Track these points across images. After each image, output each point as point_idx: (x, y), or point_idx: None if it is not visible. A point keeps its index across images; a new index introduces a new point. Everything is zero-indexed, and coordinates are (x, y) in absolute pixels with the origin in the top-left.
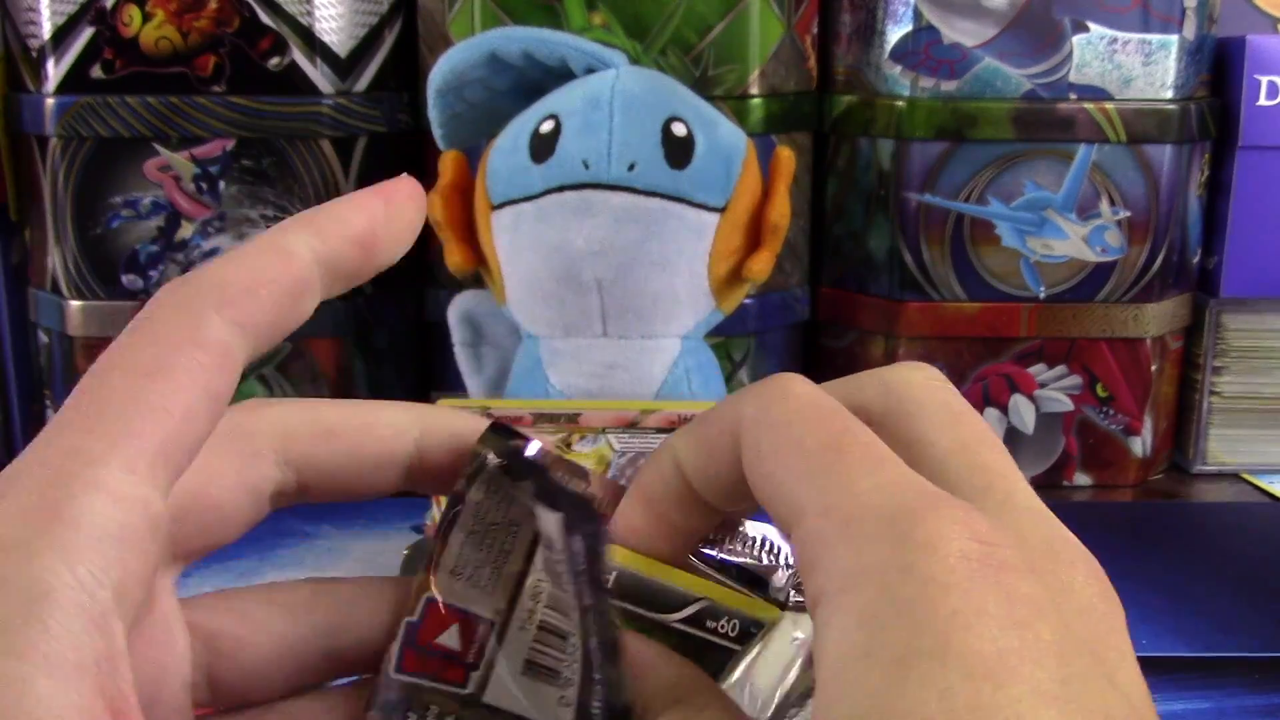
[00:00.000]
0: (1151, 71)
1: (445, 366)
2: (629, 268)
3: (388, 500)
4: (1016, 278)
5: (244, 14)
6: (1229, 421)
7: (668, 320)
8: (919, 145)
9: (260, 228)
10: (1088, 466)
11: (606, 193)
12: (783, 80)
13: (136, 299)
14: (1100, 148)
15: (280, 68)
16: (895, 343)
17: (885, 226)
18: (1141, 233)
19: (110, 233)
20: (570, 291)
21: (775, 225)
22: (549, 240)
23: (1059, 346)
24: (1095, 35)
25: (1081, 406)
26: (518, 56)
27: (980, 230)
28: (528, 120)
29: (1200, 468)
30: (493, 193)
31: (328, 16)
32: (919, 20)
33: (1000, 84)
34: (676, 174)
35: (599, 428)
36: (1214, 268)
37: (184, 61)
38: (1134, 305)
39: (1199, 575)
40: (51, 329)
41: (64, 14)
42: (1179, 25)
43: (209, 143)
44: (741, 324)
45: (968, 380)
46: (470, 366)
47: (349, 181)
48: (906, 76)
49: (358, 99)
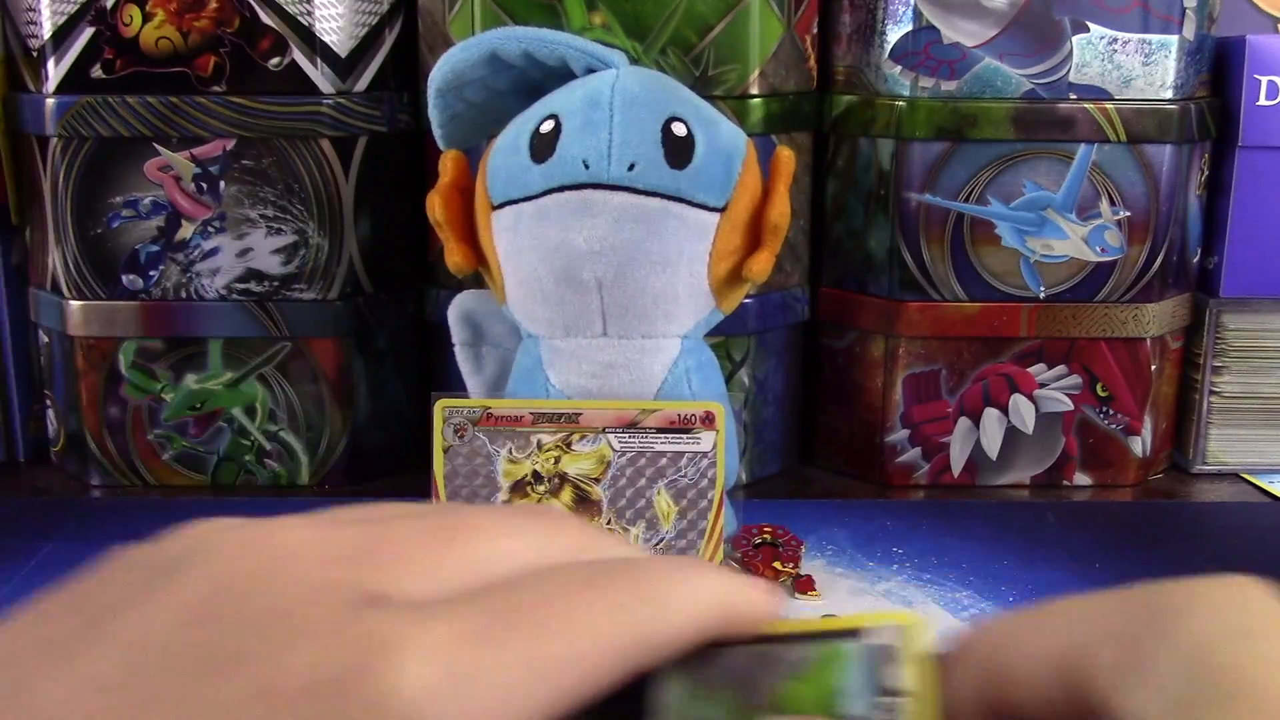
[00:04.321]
0: (1151, 71)
1: (445, 366)
2: (629, 268)
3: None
4: (1016, 278)
5: (244, 14)
6: (1229, 421)
7: (668, 320)
8: (919, 145)
9: (260, 227)
10: (1088, 466)
11: (606, 192)
12: (783, 80)
13: (136, 299)
14: (1100, 148)
15: (280, 68)
16: (895, 343)
17: (885, 226)
18: (1141, 233)
19: (110, 233)
20: (570, 291)
21: (775, 225)
22: (549, 240)
23: (1059, 346)
24: (1095, 35)
25: (1081, 406)
26: (518, 56)
27: (980, 230)
28: (528, 120)
29: (1200, 468)
30: (493, 193)
31: (328, 16)
32: (919, 20)
33: (1000, 84)
34: (676, 174)
35: (599, 428)
36: (1214, 268)
37: (184, 61)
38: (1134, 305)
39: (1199, 575)
40: (51, 329)
41: (64, 14)
42: (1179, 25)
43: (209, 143)
44: (741, 324)
45: (968, 380)
46: (470, 366)
47: (349, 182)
48: (906, 76)
49: (358, 99)
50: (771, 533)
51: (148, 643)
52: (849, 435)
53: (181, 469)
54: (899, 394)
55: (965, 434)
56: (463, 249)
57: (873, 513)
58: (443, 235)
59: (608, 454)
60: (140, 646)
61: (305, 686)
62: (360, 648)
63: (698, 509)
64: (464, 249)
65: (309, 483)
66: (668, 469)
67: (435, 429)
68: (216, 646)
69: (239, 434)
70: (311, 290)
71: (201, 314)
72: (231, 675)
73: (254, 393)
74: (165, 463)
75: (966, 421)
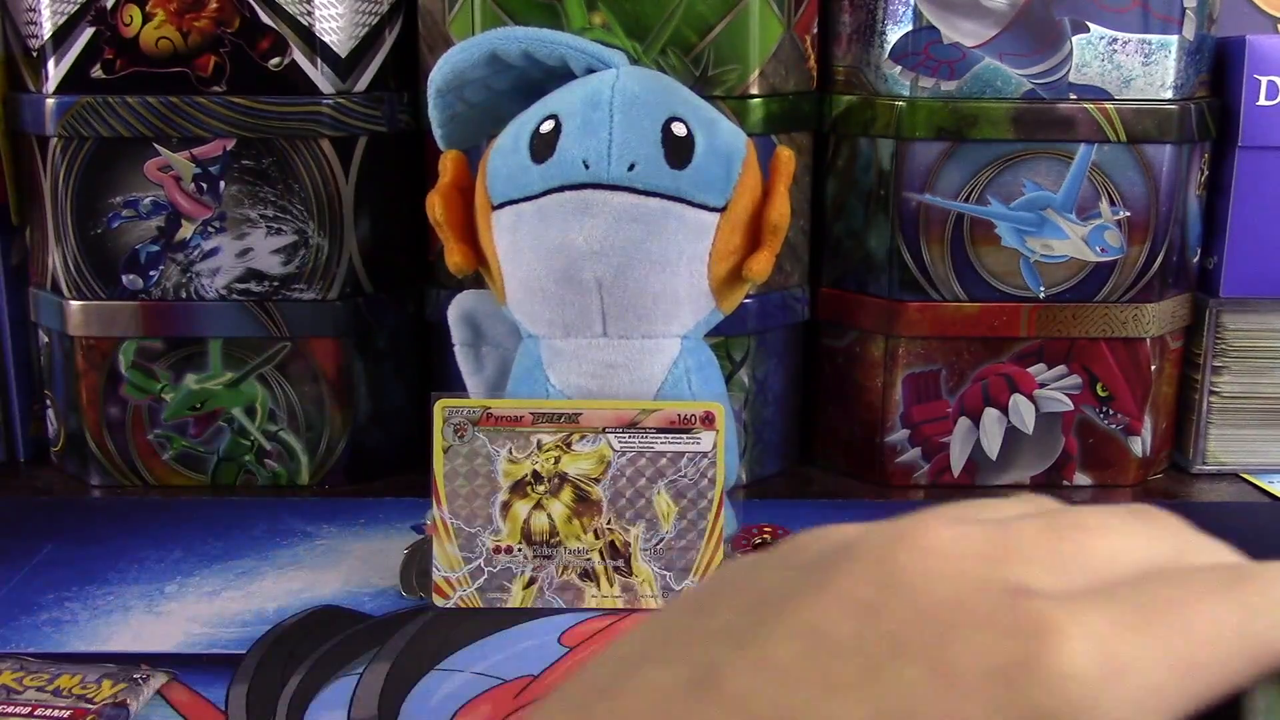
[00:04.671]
0: (1151, 71)
1: (445, 366)
2: (629, 268)
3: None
4: (1016, 278)
5: (244, 14)
6: (1229, 421)
7: (668, 320)
8: (919, 145)
9: (260, 227)
10: (1088, 466)
11: (606, 193)
12: (783, 80)
13: (136, 299)
14: (1100, 148)
15: (280, 68)
16: (895, 343)
17: (885, 226)
18: (1141, 233)
19: (110, 233)
20: (570, 291)
21: (775, 225)
22: (549, 240)
23: (1059, 346)
24: (1095, 35)
25: (1081, 406)
26: (518, 56)
27: (980, 230)
28: (528, 120)
29: (1200, 468)
30: (493, 193)
31: (328, 16)
32: (919, 20)
33: (1000, 84)
34: (676, 174)
35: (599, 428)
36: (1214, 268)
37: (184, 61)
38: (1134, 305)
39: None
40: (51, 329)
41: (64, 14)
42: (1179, 25)
43: (209, 143)
44: (741, 324)
45: (968, 380)
46: (470, 366)
47: (349, 182)
48: (906, 76)
49: (358, 99)
50: (771, 533)
51: (822, 631)
52: (849, 435)
53: (181, 469)
54: (899, 394)
55: (965, 434)
56: (463, 249)
57: (873, 513)
58: (443, 235)
59: (608, 454)
60: (816, 634)
61: (982, 670)
62: (1025, 634)
63: (698, 509)
64: (464, 249)
65: (309, 483)
66: (668, 469)
67: (435, 429)
68: (891, 634)
69: (239, 434)
70: (311, 290)
71: (201, 314)
72: (910, 660)
73: (254, 393)
74: (165, 463)
75: (966, 421)
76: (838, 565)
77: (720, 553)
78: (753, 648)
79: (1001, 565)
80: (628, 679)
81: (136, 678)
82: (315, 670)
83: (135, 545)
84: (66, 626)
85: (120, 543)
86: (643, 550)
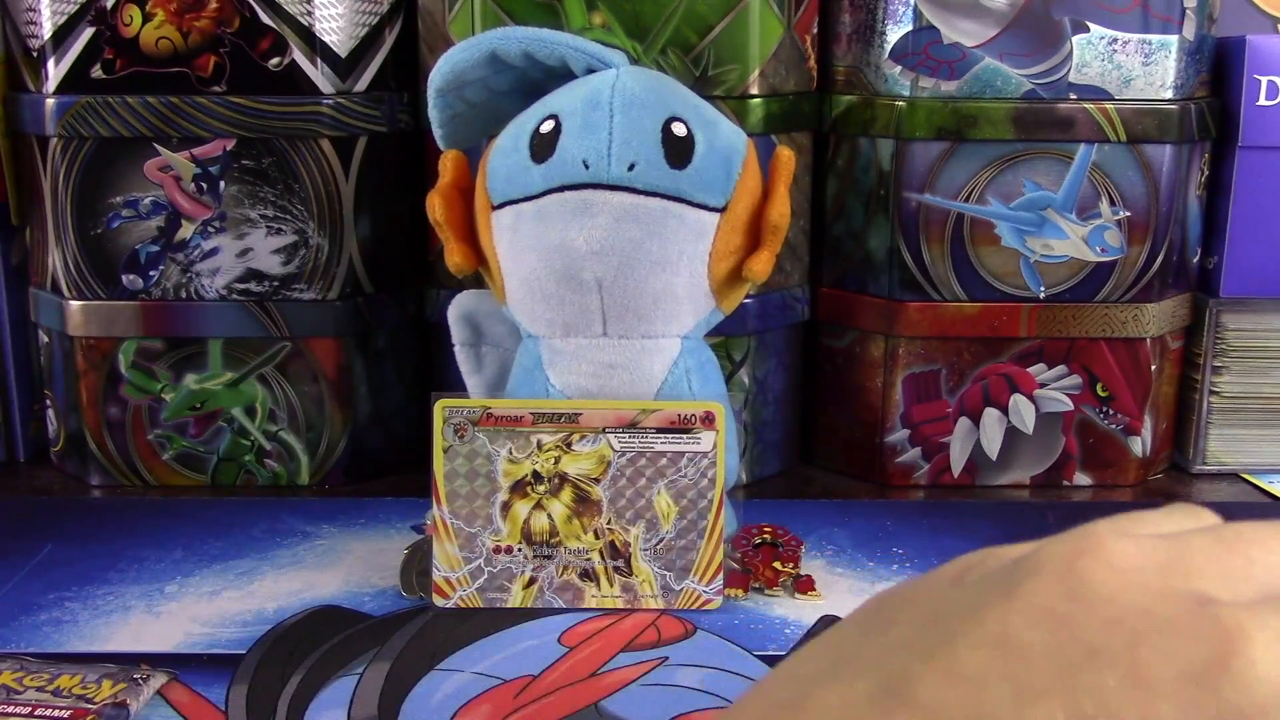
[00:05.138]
0: (1151, 71)
1: (445, 366)
2: (629, 268)
3: (388, 500)
4: (1016, 278)
5: (244, 14)
6: (1229, 421)
7: (668, 320)
8: (919, 145)
9: (260, 227)
10: (1088, 466)
11: (606, 193)
12: (783, 80)
13: (136, 299)
14: (1100, 148)
15: (280, 68)
16: (895, 343)
17: (885, 226)
18: (1141, 233)
19: (110, 233)
20: (570, 291)
21: (775, 225)
22: (549, 240)
23: (1059, 346)
24: (1095, 35)
25: (1081, 406)
26: (518, 56)
27: (980, 230)
28: (528, 120)
29: (1200, 468)
30: (493, 193)
31: (328, 16)
32: (919, 20)
33: (1000, 84)
34: (676, 174)
35: (599, 428)
36: (1214, 268)
37: (184, 61)
38: (1134, 305)
39: None
40: (51, 329)
41: (64, 14)
42: (1179, 25)
43: (209, 143)
44: (741, 324)
45: (968, 380)
46: (470, 366)
47: (349, 182)
48: (906, 76)
49: (358, 99)
50: (771, 533)
51: (1012, 640)
52: (849, 435)
53: (181, 469)
54: (899, 394)
55: (965, 434)
56: (463, 249)
57: (873, 513)
58: (443, 235)
59: (608, 454)
60: (1005, 643)
61: (1176, 673)
62: (1215, 639)
63: (698, 509)
64: (464, 249)
65: (309, 483)
66: (668, 469)
67: (435, 429)
68: (1082, 642)
69: (239, 434)
70: (311, 290)
71: (201, 314)
72: (1105, 666)
73: (254, 393)
74: (165, 463)
75: (966, 421)
76: (1020, 579)
77: (720, 552)
78: (941, 658)
79: (1181, 576)
80: (810, 694)
81: (136, 678)
82: (315, 670)
83: (135, 545)
84: (66, 626)
85: (120, 543)
86: (643, 550)
